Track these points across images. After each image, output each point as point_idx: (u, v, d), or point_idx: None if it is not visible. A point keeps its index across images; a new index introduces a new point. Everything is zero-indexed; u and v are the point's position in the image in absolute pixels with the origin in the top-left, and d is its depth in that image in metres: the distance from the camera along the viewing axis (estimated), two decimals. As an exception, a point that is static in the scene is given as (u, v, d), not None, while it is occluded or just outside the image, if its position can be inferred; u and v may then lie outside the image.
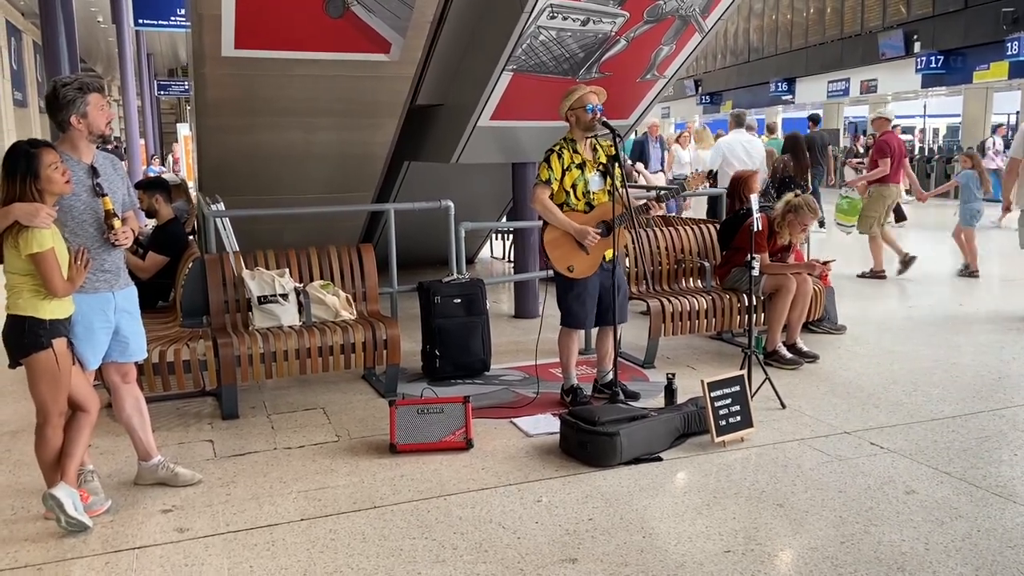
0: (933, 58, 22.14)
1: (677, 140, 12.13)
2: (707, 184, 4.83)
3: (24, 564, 3.04)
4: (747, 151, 8.86)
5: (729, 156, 8.85)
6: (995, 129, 20.49)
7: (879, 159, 8.50)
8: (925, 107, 28.08)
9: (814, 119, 12.76)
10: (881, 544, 3.07)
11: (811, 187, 9.08)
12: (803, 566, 2.95)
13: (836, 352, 5.79)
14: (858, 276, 8.58)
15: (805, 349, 5.57)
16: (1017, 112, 25.41)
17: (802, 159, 8.76)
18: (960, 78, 22.13)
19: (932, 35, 22.37)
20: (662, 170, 11.37)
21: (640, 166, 10.92)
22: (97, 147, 3.44)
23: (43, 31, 9.06)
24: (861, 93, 26.70)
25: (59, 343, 3.17)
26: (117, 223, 3.31)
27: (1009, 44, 19.46)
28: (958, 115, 24.48)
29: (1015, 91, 22.41)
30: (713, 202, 8.16)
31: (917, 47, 22.77)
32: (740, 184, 6.27)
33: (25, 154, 3.09)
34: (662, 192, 4.78)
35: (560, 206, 4.50)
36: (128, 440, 3.74)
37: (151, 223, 5.75)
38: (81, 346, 3.33)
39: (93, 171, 3.33)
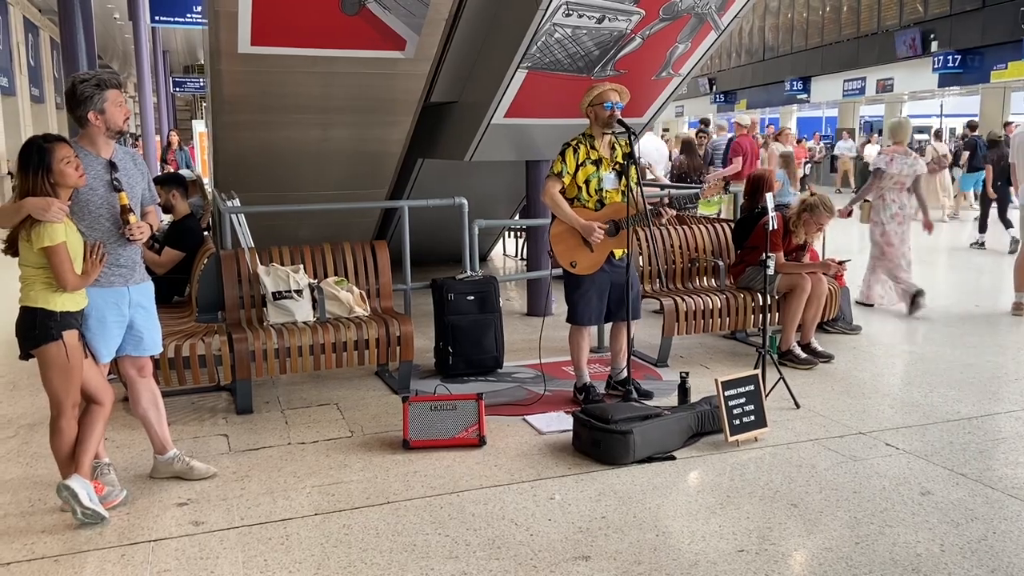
0: (950, 57, 21.96)
1: (777, 137, 11.12)
2: (722, 194, 4.86)
3: (41, 555, 3.07)
4: (658, 150, 10.88)
5: (645, 155, 10.31)
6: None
7: (733, 158, 10.30)
8: (942, 107, 27.86)
9: (704, 122, 13.50)
10: (896, 545, 3.05)
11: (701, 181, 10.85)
12: (817, 566, 2.93)
13: (851, 352, 5.76)
14: None
15: (820, 349, 5.54)
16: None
17: (695, 159, 10.56)
18: (977, 77, 21.95)
19: (949, 34, 22.20)
20: None
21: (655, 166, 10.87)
22: (118, 143, 3.47)
23: (61, 28, 9.13)
24: (877, 92, 26.52)
25: (70, 335, 3.20)
26: (132, 218, 3.33)
27: (1028, 43, 19.28)
28: (975, 115, 24.26)
29: (1033, 91, 22.21)
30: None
31: (934, 46, 22.59)
32: (758, 183, 6.24)
33: (38, 148, 3.12)
34: (675, 196, 4.77)
35: (571, 201, 4.50)
36: (143, 433, 3.77)
37: (167, 219, 5.79)
38: (94, 339, 3.35)
39: (111, 166, 3.35)
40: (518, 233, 10.09)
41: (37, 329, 3.16)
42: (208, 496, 3.55)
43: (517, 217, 8.94)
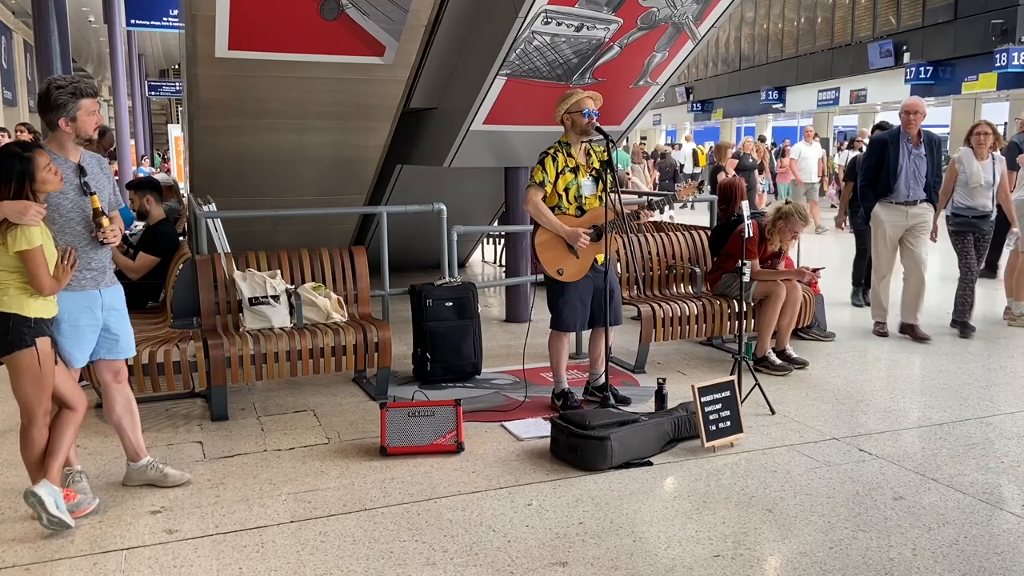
0: (922, 68, 22.33)
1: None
2: (697, 195, 4.90)
3: (11, 564, 3.02)
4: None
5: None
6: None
7: None
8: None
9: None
10: (869, 550, 3.09)
11: None
12: (792, 571, 2.96)
13: (825, 359, 5.82)
14: None
15: (794, 355, 5.60)
16: (1005, 123, 25.63)
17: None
18: (948, 89, 22.33)
19: (921, 46, 22.58)
20: (930, 201, 6.21)
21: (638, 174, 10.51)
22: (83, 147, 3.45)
23: (35, 31, 9.04)
24: (851, 102, 26.90)
25: (43, 342, 3.16)
26: (105, 221, 3.32)
27: (998, 56, 19.66)
28: (946, 125, 24.69)
29: (1003, 102, 22.61)
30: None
31: (906, 58, 22.96)
32: (731, 191, 6.30)
33: (20, 158, 3.10)
34: (653, 200, 4.80)
35: (552, 209, 4.52)
36: (116, 440, 3.73)
37: (140, 225, 5.74)
38: (67, 344, 3.32)
39: (80, 170, 3.34)
40: (497, 239, 10.10)
41: (10, 335, 3.11)
42: (182, 504, 3.52)
43: (496, 223, 8.95)
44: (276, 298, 4.83)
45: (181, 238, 6.06)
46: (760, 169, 13.15)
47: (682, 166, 19.74)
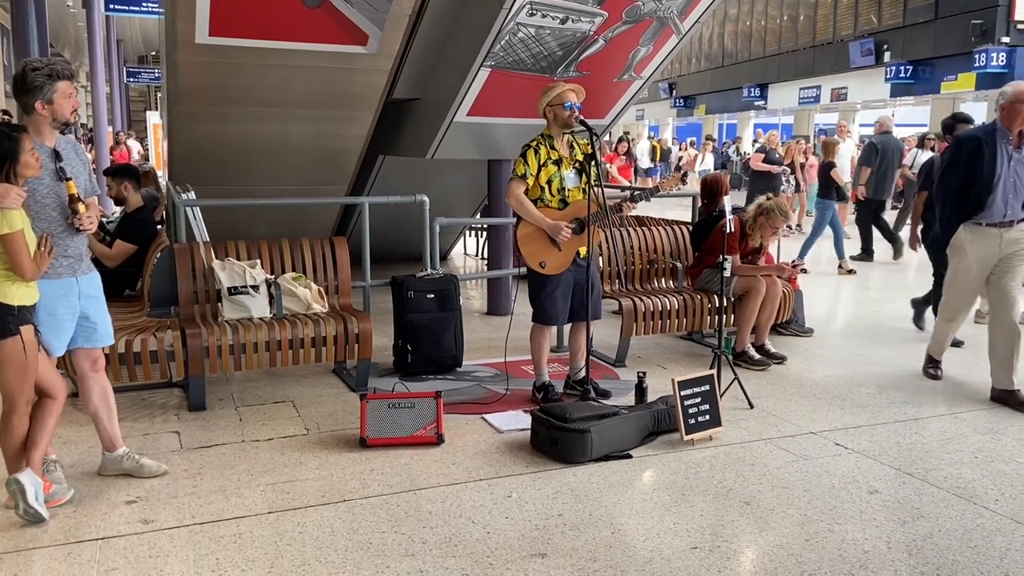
0: (902, 68, 22.55)
1: None
2: (680, 186, 4.92)
3: (-17, 554, 2.98)
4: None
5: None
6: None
7: None
8: (893, 116, 28.58)
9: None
10: (844, 543, 3.12)
11: None
12: (768, 563, 2.98)
13: (803, 354, 5.87)
14: None
15: (773, 350, 5.64)
16: (983, 123, 25.91)
17: None
18: (928, 88, 22.57)
19: (902, 45, 22.78)
20: None
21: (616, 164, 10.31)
22: (62, 132, 3.40)
23: (13, 15, 8.91)
24: (831, 101, 27.11)
25: (27, 331, 3.13)
26: (82, 207, 3.28)
27: (977, 56, 19.89)
28: (925, 125, 24.94)
29: (982, 102, 22.87)
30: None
31: (887, 56, 23.17)
32: (713, 186, 6.33)
33: (7, 137, 3.06)
34: (636, 192, 4.81)
35: (534, 202, 4.51)
36: (92, 430, 3.69)
37: (117, 211, 5.67)
38: (45, 332, 3.28)
39: (56, 155, 3.29)
40: (479, 232, 10.08)
41: None
42: (158, 494, 3.48)
43: (478, 216, 8.93)
44: (256, 288, 4.79)
45: (159, 226, 5.99)
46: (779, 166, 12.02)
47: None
